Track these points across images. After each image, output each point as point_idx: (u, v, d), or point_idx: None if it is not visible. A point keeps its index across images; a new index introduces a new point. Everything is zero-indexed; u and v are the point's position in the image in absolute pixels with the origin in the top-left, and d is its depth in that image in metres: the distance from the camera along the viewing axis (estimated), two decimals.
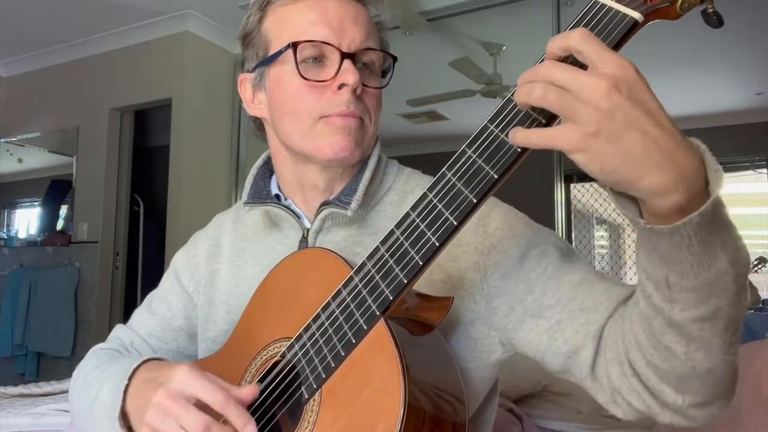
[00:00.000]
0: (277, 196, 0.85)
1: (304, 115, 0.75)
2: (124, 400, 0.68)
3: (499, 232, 0.72)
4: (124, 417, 0.68)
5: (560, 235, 3.08)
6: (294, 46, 0.73)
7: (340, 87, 0.73)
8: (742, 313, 0.53)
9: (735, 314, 0.52)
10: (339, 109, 0.73)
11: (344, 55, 0.73)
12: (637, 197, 0.49)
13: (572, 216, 4.98)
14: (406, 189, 0.82)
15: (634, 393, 0.59)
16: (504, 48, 3.84)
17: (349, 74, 0.72)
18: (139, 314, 0.93)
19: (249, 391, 0.62)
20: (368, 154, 0.80)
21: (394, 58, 0.80)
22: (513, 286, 0.70)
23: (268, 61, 0.78)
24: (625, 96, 0.45)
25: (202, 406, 0.60)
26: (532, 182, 2.57)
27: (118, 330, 0.92)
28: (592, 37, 0.48)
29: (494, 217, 0.74)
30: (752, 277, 3.79)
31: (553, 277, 0.68)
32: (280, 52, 0.76)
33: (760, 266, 3.77)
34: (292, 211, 0.81)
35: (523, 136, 0.49)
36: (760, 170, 4.80)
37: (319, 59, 0.74)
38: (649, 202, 0.48)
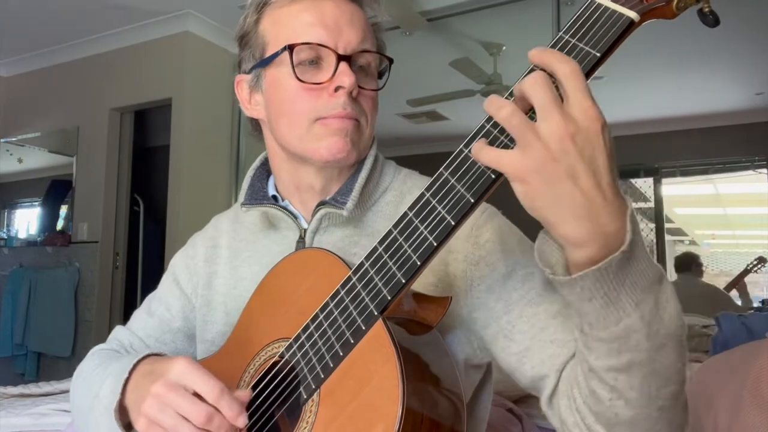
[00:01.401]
0: (275, 197, 0.85)
1: (300, 117, 0.75)
2: (123, 393, 0.68)
3: (490, 245, 0.73)
4: (122, 411, 0.68)
5: None
6: (290, 48, 0.73)
7: (337, 89, 0.73)
8: (670, 372, 0.53)
9: (655, 370, 0.53)
10: (335, 111, 0.74)
11: (340, 58, 0.73)
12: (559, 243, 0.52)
13: None
14: (404, 189, 0.82)
15: (576, 427, 0.60)
16: (504, 48, 3.83)
17: (345, 77, 0.72)
18: (138, 316, 0.93)
19: (242, 393, 0.62)
20: (365, 155, 0.80)
21: (390, 60, 0.80)
22: (493, 302, 0.70)
23: (265, 62, 0.78)
24: (578, 147, 0.47)
25: (198, 397, 0.60)
26: None
27: (118, 331, 0.92)
28: (579, 75, 0.49)
29: (487, 229, 0.74)
30: (752, 278, 3.79)
31: (532, 303, 0.68)
32: (276, 54, 0.76)
33: (759, 266, 3.78)
34: (290, 212, 0.81)
35: (477, 150, 0.51)
36: (760, 170, 4.80)
37: (315, 61, 0.74)
38: (566, 249, 0.51)
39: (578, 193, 0.47)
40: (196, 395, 0.60)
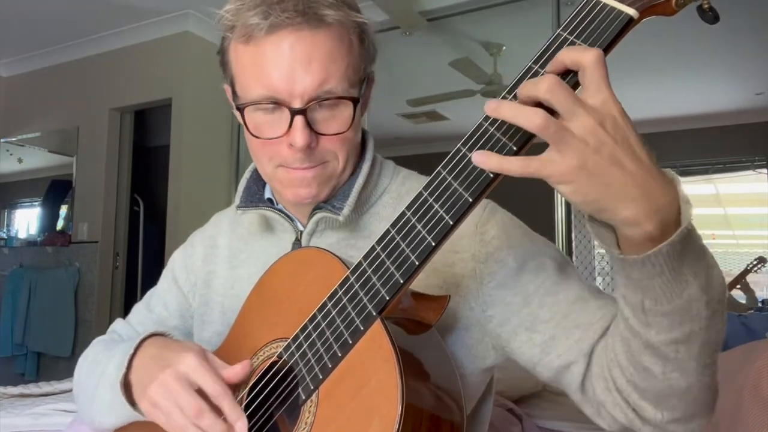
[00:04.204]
0: (270, 200, 0.85)
1: (264, 163, 0.76)
2: (128, 368, 0.70)
3: (497, 241, 0.72)
4: (126, 386, 0.70)
5: (560, 234, 3.08)
6: (242, 110, 0.72)
7: (291, 145, 0.70)
8: (718, 338, 0.55)
9: (709, 338, 0.54)
10: (294, 165, 0.73)
11: (294, 112, 0.69)
12: (613, 226, 0.52)
13: (572, 215, 4.98)
14: (402, 191, 0.81)
15: (617, 407, 0.61)
16: (504, 48, 3.83)
17: (297, 135, 0.69)
18: (137, 310, 0.95)
19: (239, 369, 0.65)
20: (343, 180, 0.78)
21: (355, 101, 0.72)
22: (509, 297, 0.70)
23: (233, 98, 0.76)
24: (611, 133, 0.48)
25: (204, 393, 0.63)
26: (532, 181, 2.56)
27: (117, 324, 0.94)
28: (604, 64, 0.49)
29: (492, 226, 0.74)
30: (752, 278, 3.79)
31: (550, 292, 0.69)
32: (236, 106, 0.74)
33: (759, 266, 3.77)
34: (285, 215, 0.81)
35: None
36: (760, 170, 4.80)
37: (272, 110, 0.71)
38: (622, 230, 0.51)
39: (627, 176, 0.48)
40: (201, 391, 0.63)
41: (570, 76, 0.51)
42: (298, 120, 0.69)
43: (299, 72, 0.68)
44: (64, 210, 4.38)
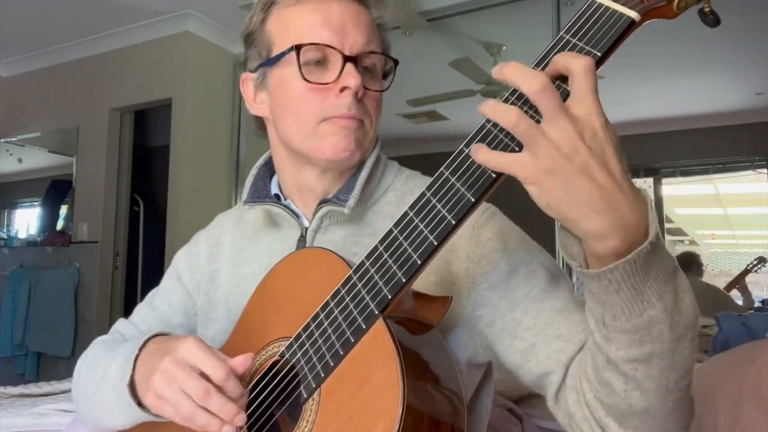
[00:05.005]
0: (277, 196, 0.86)
1: (306, 117, 0.76)
2: (133, 369, 0.70)
3: (492, 243, 0.73)
4: (132, 387, 0.69)
5: None
6: (297, 48, 0.74)
7: (342, 90, 0.74)
8: (686, 364, 0.55)
9: (674, 362, 0.54)
10: (341, 111, 0.74)
11: (346, 58, 0.74)
12: (579, 237, 0.52)
13: None
14: (405, 190, 0.82)
15: (585, 422, 0.61)
16: (504, 48, 3.84)
17: (351, 77, 0.73)
18: (140, 309, 0.95)
19: (242, 359, 0.64)
20: (367, 155, 0.81)
21: (396, 62, 0.81)
22: (497, 300, 0.71)
23: (271, 62, 0.78)
24: (588, 143, 0.48)
25: (205, 377, 0.62)
26: None
27: (120, 324, 0.94)
28: (593, 73, 0.49)
29: (489, 228, 0.74)
30: (752, 278, 3.79)
31: (537, 300, 0.69)
32: (283, 54, 0.76)
33: (759, 266, 3.78)
34: (291, 211, 0.82)
35: (483, 156, 0.51)
36: (760, 170, 4.80)
37: (321, 62, 0.75)
38: (588, 243, 0.51)
39: (595, 188, 0.48)
40: (204, 375, 0.62)
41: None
42: (350, 65, 0.74)
43: (350, 28, 0.75)
44: (64, 210, 4.38)
